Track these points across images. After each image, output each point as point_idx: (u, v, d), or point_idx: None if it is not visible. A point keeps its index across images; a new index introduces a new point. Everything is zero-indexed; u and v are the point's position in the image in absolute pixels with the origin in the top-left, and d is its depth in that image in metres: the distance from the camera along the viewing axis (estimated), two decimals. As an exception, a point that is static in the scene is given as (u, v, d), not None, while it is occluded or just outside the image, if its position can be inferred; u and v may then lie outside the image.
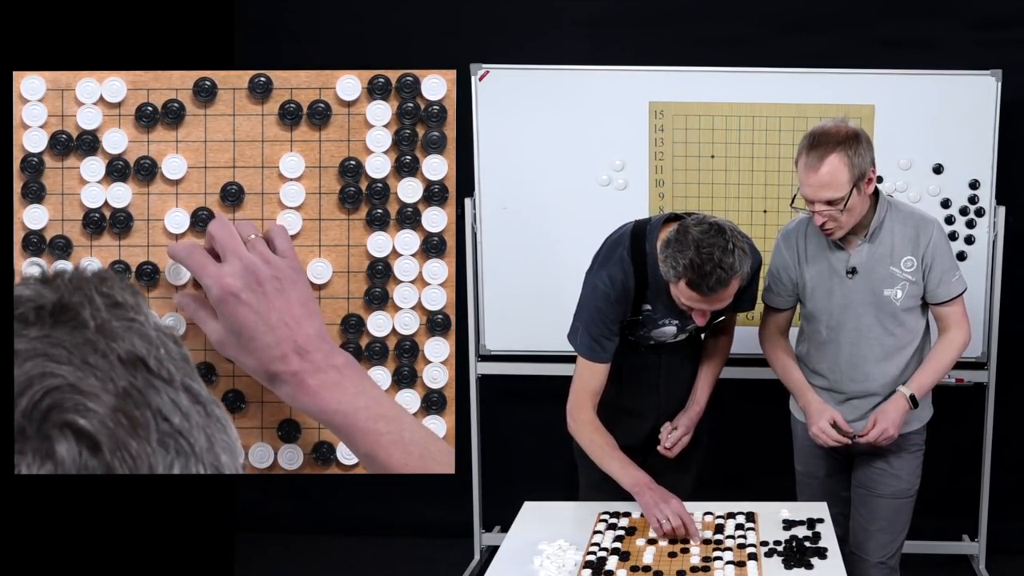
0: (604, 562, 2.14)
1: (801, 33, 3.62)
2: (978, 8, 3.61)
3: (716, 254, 2.23)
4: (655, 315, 2.53)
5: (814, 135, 2.39)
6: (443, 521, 3.97)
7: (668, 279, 2.32)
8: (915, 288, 2.52)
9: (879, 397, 2.58)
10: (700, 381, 2.72)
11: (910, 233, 2.50)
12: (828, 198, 2.37)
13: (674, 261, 2.27)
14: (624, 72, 3.44)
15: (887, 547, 2.66)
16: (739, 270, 2.26)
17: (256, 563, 3.75)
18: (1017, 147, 3.51)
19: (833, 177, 2.35)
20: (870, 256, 2.51)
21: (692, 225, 2.29)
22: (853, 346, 2.56)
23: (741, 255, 2.27)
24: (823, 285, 2.56)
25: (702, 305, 2.32)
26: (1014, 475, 3.75)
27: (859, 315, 2.54)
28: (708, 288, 2.25)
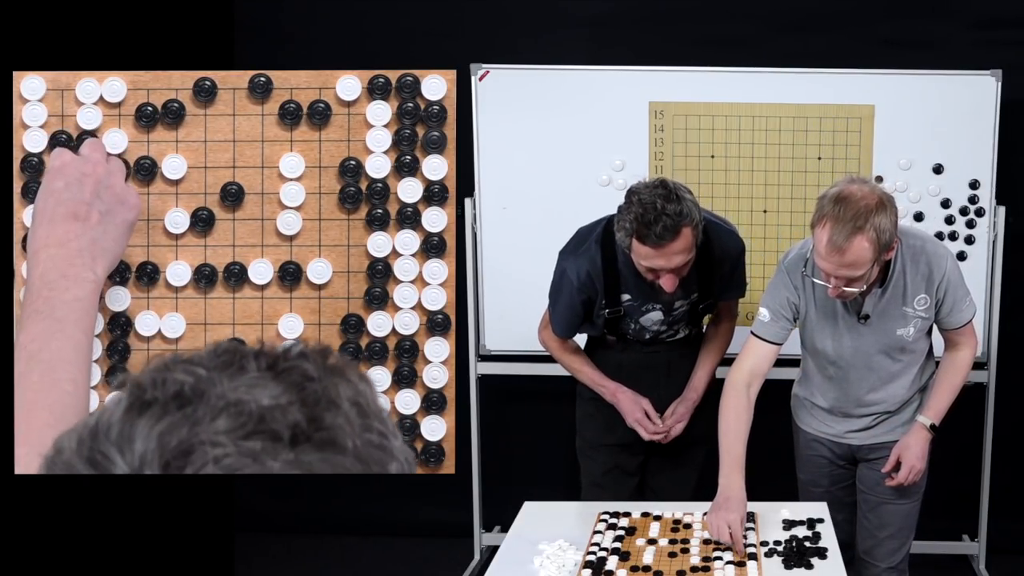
0: (604, 562, 2.14)
1: (801, 33, 3.61)
2: (978, 8, 3.61)
3: (659, 203, 2.29)
4: (636, 303, 2.55)
5: (839, 205, 2.16)
6: (443, 521, 3.97)
7: (624, 247, 2.37)
8: (926, 323, 2.46)
9: (885, 409, 2.56)
10: (698, 369, 2.72)
11: (923, 271, 2.38)
12: (849, 276, 2.21)
13: (623, 222, 2.35)
14: (624, 72, 3.44)
15: (896, 552, 2.64)
16: (687, 216, 2.30)
17: (256, 563, 3.75)
18: (1017, 147, 3.51)
19: (858, 258, 2.17)
20: (883, 302, 2.41)
21: (636, 186, 2.37)
22: (861, 380, 2.52)
23: (689, 204, 2.32)
24: (832, 329, 2.45)
25: (659, 261, 2.34)
26: (1014, 475, 3.75)
27: (869, 355, 2.47)
28: (657, 236, 2.28)
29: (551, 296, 2.67)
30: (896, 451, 2.52)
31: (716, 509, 2.24)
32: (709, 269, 2.55)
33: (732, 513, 2.20)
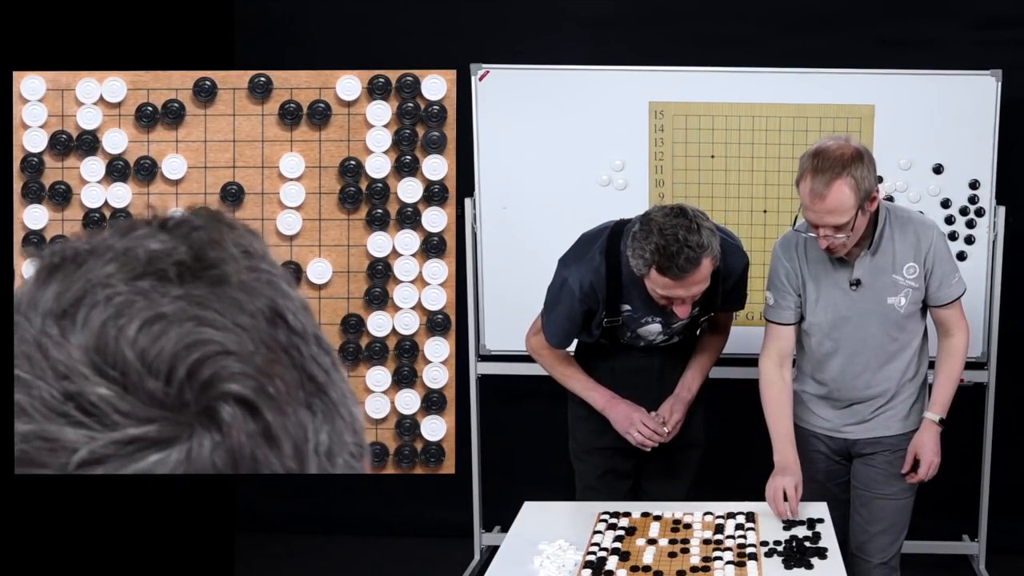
0: (604, 562, 2.14)
1: (801, 33, 3.61)
2: (978, 8, 3.61)
3: (680, 233, 2.23)
4: (636, 314, 2.53)
5: (817, 157, 2.32)
6: (443, 521, 3.97)
7: (640, 273, 2.32)
8: (917, 294, 2.51)
9: (881, 400, 2.58)
10: (690, 371, 2.70)
11: (911, 239, 2.49)
12: (834, 223, 2.33)
13: (641, 251, 2.27)
14: (624, 72, 3.44)
15: (888, 548, 2.66)
16: (708, 247, 2.25)
17: (256, 563, 3.75)
18: (1017, 147, 3.51)
19: (840, 203, 2.30)
20: (873, 267, 2.49)
21: (654, 212, 2.30)
22: (856, 355, 2.55)
23: (708, 233, 2.27)
24: (826, 298, 2.53)
25: (678, 291, 2.31)
26: (1014, 475, 3.75)
27: (863, 326, 2.52)
28: (678, 269, 2.24)
29: (547, 304, 2.60)
30: (911, 450, 2.57)
31: (773, 477, 2.44)
32: (714, 285, 2.53)
33: (787, 478, 2.41)
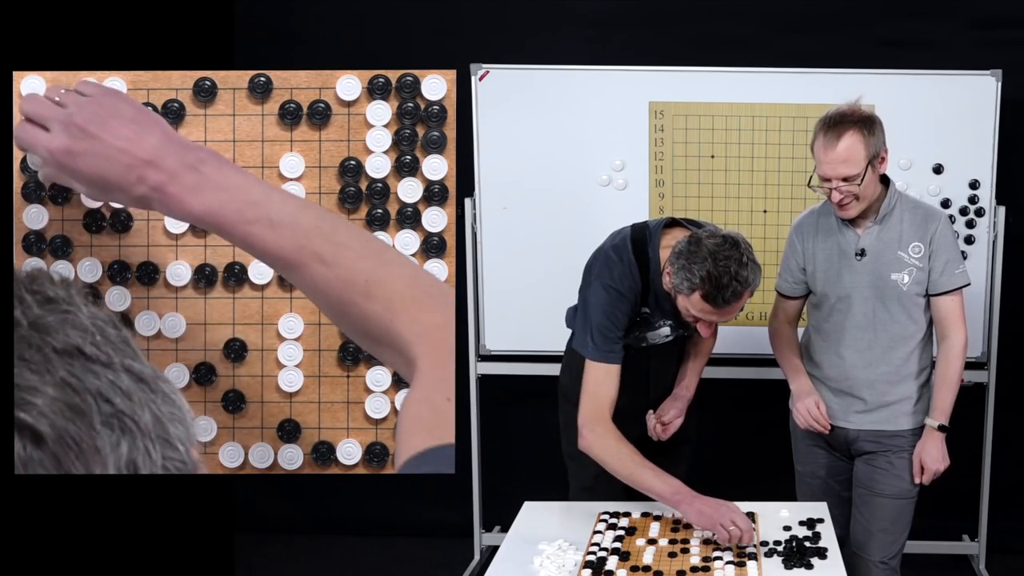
0: (604, 562, 2.14)
1: (801, 33, 3.62)
2: (978, 8, 3.61)
3: (733, 267, 2.22)
4: (652, 318, 2.53)
5: (830, 116, 2.47)
6: (443, 521, 3.97)
7: (679, 291, 2.29)
8: (921, 275, 2.55)
9: (881, 386, 2.59)
10: (688, 372, 2.72)
11: (919, 220, 2.56)
12: (845, 174, 2.44)
13: (688, 273, 2.25)
14: (624, 72, 3.44)
15: (889, 547, 2.66)
16: (751, 283, 2.27)
17: (256, 563, 3.75)
18: (1017, 147, 3.51)
19: (850, 153, 2.43)
20: (879, 239, 2.55)
21: (705, 237, 2.27)
22: (859, 330, 2.59)
23: (754, 268, 2.27)
24: (832, 267, 2.60)
25: (712, 317, 2.32)
26: (1014, 475, 3.75)
27: (866, 298, 2.57)
28: (723, 301, 2.25)
29: (586, 327, 2.45)
30: (916, 459, 2.61)
31: (798, 400, 2.65)
32: None
33: (809, 398, 2.63)
